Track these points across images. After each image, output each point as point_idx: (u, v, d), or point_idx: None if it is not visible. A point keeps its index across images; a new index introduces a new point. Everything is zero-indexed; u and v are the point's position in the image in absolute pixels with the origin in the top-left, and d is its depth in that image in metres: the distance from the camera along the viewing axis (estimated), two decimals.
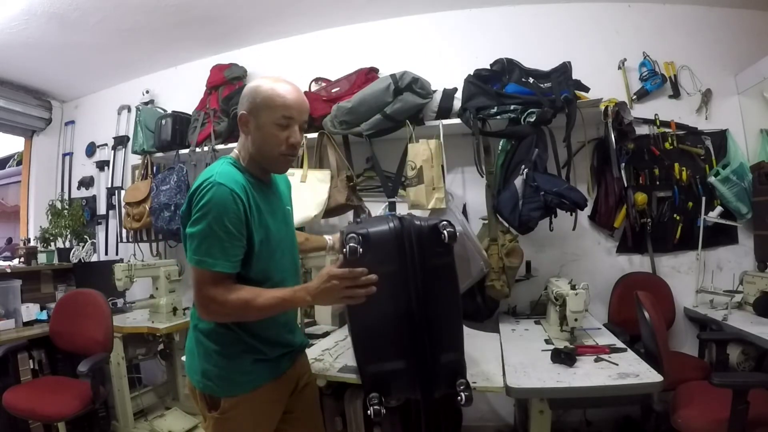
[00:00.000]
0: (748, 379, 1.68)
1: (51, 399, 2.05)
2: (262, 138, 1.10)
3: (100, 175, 3.49)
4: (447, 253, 1.13)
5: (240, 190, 1.04)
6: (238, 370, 1.12)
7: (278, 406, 1.20)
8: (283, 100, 1.08)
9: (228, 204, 1.01)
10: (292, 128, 1.10)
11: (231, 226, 1.01)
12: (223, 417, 1.12)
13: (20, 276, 2.74)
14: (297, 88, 1.13)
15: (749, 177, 2.33)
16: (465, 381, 1.15)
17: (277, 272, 1.14)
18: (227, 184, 1.03)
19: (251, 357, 1.12)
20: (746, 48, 2.46)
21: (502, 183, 2.18)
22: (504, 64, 2.24)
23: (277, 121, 1.08)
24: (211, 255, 1.01)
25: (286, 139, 1.09)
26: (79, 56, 2.99)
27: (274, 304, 1.05)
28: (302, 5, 2.64)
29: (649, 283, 2.35)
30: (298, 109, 1.10)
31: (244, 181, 1.08)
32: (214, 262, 1.01)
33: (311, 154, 2.44)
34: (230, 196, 1.02)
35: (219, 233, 1.00)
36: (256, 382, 1.13)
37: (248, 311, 1.05)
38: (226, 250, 1.02)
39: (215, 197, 1.01)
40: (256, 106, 1.09)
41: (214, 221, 1.00)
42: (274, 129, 1.08)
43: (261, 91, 1.09)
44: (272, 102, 1.08)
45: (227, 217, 1.01)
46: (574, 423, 2.37)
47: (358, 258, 1.05)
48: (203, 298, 1.03)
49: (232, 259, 1.03)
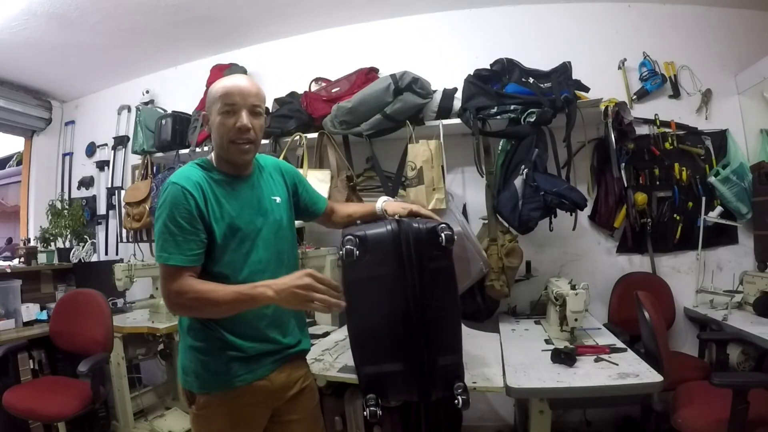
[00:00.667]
0: (748, 379, 1.68)
1: (51, 399, 2.05)
2: (215, 130, 1.14)
3: (100, 175, 3.50)
4: (445, 256, 1.13)
5: (192, 187, 1.08)
6: (212, 367, 1.12)
7: (261, 410, 1.18)
8: (224, 89, 1.13)
9: (178, 200, 1.06)
10: (238, 114, 1.12)
11: (182, 221, 1.06)
12: (199, 413, 1.14)
13: (20, 276, 2.74)
14: (242, 77, 1.18)
15: (749, 177, 2.33)
16: (462, 384, 1.15)
17: (247, 266, 1.13)
18: (179, 183, 1.08)
19: (226, 354, 1.12)
20: (746, 48, 2.46)
21: (502, 183, 2.18)
22: (504, 64, 2.24)
23: (221, 109, 1.12)
24: (167, 250, 1.05)
25: (233, 125, 1.12)
26: (79, 56, 2.99)
27: (230, 300, 1.03)
28: (302, 5, 2.64)
29: (649, 283, 2.36)
30: (239, 93, 1.12)
31: (203, 178, 1.12)
32: (168, 257, 1.05)
33: (311, 154, 2.44)
34: (180, 193, 1.07)
35: (172, 229, 1.05)
36: (231, 383, 1.12)
37: (204, 305, 1.05)
38: (179, 245, 1.05)
39: (167, 196, 1.07)
40: (209, 103, 1.16)
41: (168, 218, 1.06)
42: (222, 118, 1.12)
43: (212, 88, 1.16)
44: (216, 94, 1.14)
45: (178, 212, 1.06)
46: (574, 423, 2.37)
47: (355, 260, 1.04)
48: (164, 292, 1.07)
49: (186, 252, 1.06)
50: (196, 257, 1.07)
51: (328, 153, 2.40)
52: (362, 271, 1.11)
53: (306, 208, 1.38)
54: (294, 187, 1.34)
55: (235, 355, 1.12)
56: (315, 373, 1.44)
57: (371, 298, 1.09)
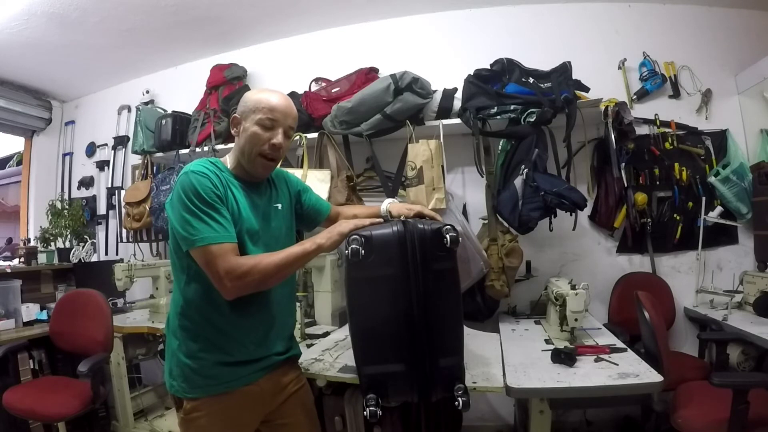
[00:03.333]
0: (748, 379, 1.68)
1: (51, 399, 2.05)
2: (247, 137, 1.15)
3: (100, 175, 3.50)
4: (449, 258, 1.13)
5: (211, 174, 1.09)
6: (199, 372, 1.11)
7: (250, 413, 1.17)
8: (269, 103, 1.15)
9: (203, 182, 1.06)
10: (275, 130, 1.15)
11: (211, 200, 1.05)
12: (187, 418, 1.13)
13: (20, 276, 2.74)
14: (286, 97, 1.20)
15: (749, 177, 2.33)
16: (463, 386, 1.15)
17: None
18: (197, 170, 1.08)
19: (214, 360, 1.11)
20: (746, 48, 2.46)
21: (502, 183, 2.18)
22: (504, 64, 2.24)
23: (261, 121, 1.14)
24: (210, 230, 1.03)
25: (268, 139, 1.14)
26: (79, 56, 2.99)
27: (284, 260, 1.07)
28: (302, 5, 2.64)
29: (649, 283, 2.36)
30: (282, 112, 1.16)
31: (219, 172, 1.13)
32: (216, 235, 1.03)
33: (311, 154, 2.44)
34: (202, 177, 1.07)
35: (204, 209, 1.04)
36: (218, 388, 1.11)
37: (265, 274, 1.05)
38: (220, 222, 1.05)
39: (187, 182, 1.06)
40: (247, 109, 1.17)
41: (196, 200, 1.04)
42: (258, 129, 1.14)
43: (253, 95, 1.19)
44: (259, 104, 1.15)
45: (206, 193, 1.05)
46: (574, 423, 2.38)
47: (361, 259, 1.05)
48: (221, 273, 1.02)
49: (230, 229, 1.06)
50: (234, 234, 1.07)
51: (328, 153, 2.40)
52: (367, 271, 1.11)
53: (310, 215, 1.40)
54: (297, 195, 1.36)
55: (223, 360, 1.12)
56: (315, 373, 1.44)
57: (375, 297, 1.09)
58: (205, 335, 1.12)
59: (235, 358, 1.13)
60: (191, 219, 1.03)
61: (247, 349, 1.15)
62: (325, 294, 2.19)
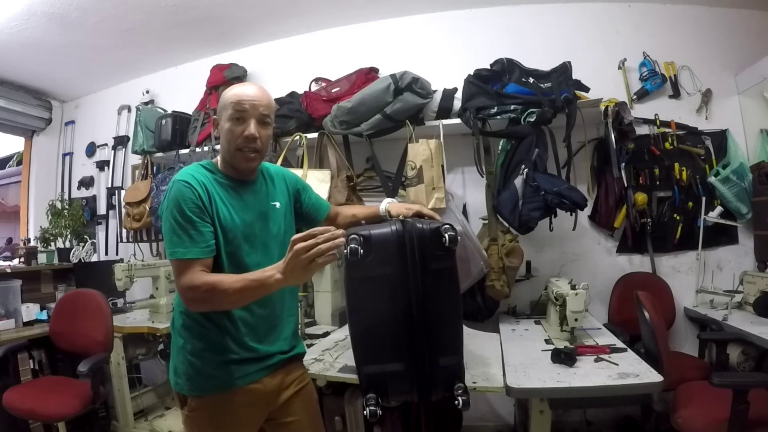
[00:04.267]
0: (748, 379, 1.68)
1: (51, 399, 2.05)
2: (223, 135, 1.16)
3: (100, 175, 3.50)
4: (448, 257, 1.13)
5: (195, 183, 1.10)
6: (203, 370, 1.12)
7: (254, 412, 1.18)
8: (235, 96, 1.14)
9: (186, 195, 1.07)
10: (246, 122, 1.13)
11: (191, 214, 1.07)
12: (191, 416, 1.14)
13: (20, 276, 2.74)
14: (256, 87, 1.18)
15: (749, 177, 2.33)
16: (462, 385, 1.15)
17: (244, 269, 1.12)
18: (183, 179, 1.10)
19: (218, 358, 1.12)
20: (746, 48, 2.46)
21: (502, 183, 2.18)
22: (504, 64, 2.24)
23: (231, 116, 1.14)
24: (177, 245, 1.05)
25: (241, 133, 1.13)
26: (79, 56, 2.99)
27: (244, 287, 1.01)
28: (302, 5, 2.64)
29: (649, 283, 2.36)
30: (250, 102, 1.13)
31: (207, 179, 1.14)
32: (178, 251, 1.05)
33: (311, 154, 2.44)
34: (185, 188, 1.08)
35: (182, 223, 1.06)
36: (222, 386, 1.12)
37: (216, 296, 1.03)
38: (191, 238, 1.06)
39: (173, 193, 1.09)
40: (220, 108, 1.18)
41: (177, 213, 1.06)
42: (230, 124, 1.14)
43: (225, 94, 1.18)
44: (227, 100, 1.15)
45: (186, 206, 1.07)
46: (574, 423, 2.37)
47: (359, 259, 1.05)
48: (181, 288, 1.05)
49: (201, 245, 1.07)
50: (208, 249, 1.08)
51: (328, 153, 2.40)
52: (366, 271, 1.11)
53: (309, 214, 1.39)
54: (296, 194, 1.35)
55: (227, 359, 1.12)
56: (315, 373, 1.44)
57: (374, 297, 1.08)
58: (208, 334, 1.12)
59: (239, 356, 1.13)
60: (169, 231, 1.07)
61: (251, 348, 1.15)
62: (325, 294, 2.19)
